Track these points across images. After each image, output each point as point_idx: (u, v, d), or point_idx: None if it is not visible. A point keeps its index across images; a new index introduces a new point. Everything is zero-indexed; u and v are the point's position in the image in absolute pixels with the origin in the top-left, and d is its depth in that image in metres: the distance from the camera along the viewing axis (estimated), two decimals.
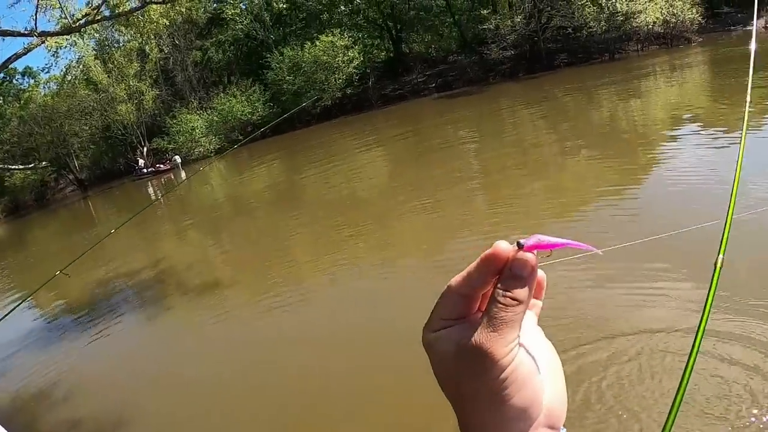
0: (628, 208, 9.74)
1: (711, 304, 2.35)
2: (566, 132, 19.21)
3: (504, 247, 0.66)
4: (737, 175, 3.00)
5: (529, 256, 0.66)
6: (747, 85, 3.73)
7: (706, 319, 2.32)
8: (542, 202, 11.72)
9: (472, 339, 0.64)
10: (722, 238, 2.70)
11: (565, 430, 0.69)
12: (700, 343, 2.21)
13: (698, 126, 16.00)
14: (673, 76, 29.94)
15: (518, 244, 0.66)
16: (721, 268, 2.52)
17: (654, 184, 11.28)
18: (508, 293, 0.65)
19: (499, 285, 0.66)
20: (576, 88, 29.65)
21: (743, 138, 3.26)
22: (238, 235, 15.63)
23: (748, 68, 3.91)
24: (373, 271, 9.75)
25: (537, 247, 0.66)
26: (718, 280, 2.47)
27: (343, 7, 43.56)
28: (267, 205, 18.79)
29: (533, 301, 0.79)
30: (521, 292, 0.65)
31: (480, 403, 0.66)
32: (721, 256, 2.57)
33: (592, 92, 27.29)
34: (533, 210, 11.17)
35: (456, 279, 0.66)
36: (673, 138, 15.28)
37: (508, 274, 0.66)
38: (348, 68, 36.70)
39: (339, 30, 38.94)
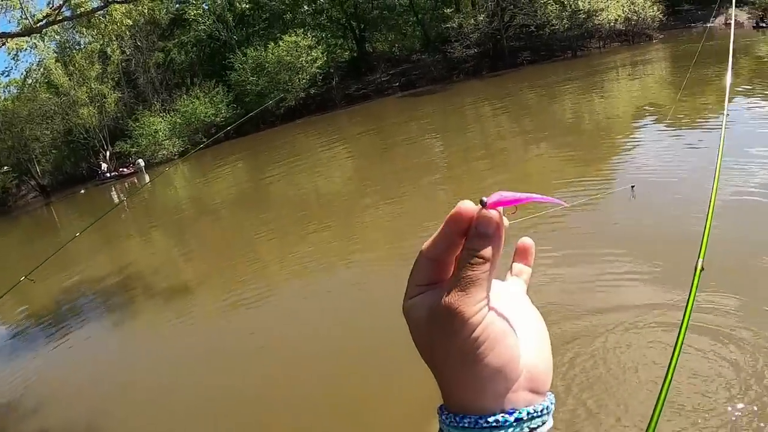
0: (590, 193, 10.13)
1: (692, 306, 2.49)
2: (529, 127, 19.56)
3: (467, 206, 0.67)
4: (716, 180, 3.18)
5: (493, 213, 0.66)
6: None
7: (687, 321, 2.47)
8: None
9: (441, 300, 0.64)
10: (702, 243, 2.85)
11: (552, 395, 0.69)
12: (682, 345, 2.36)
13: (658, 119, 16.48)
14: (635, 71, 30.51)
15: (481, 202, 0.66)
16: (701, 270, 2.68)
17: (615, 175, 11.70)
18: (474, 252, 0.66)
19: (465, 244, 0.66)
20: (539, 85, 30.02)
21: (720, 148, 3.41)
22: (202, 236, 15.62)
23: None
24: (341, 267, 9.88)
25: (500, 203, 0.67)
26: (698, 283, 2.62)
27: (306, 7, 43.49)
28: (231, 206, 18.77)
29: (522, 267, 0.82)
30: (487, 251, 0.66)
31: (454, 364, 0.66)
32: (701, 260, 2.72)
33: (554, 89, 27.67)
34: None
35: (426, 244, 0.67)
36: (635, 130, 15.70)
37: (473, 233, 0.66)
38: (311, 68, 36.69)
39: (302, 30, 38.86)
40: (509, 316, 0.68)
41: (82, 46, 42.92)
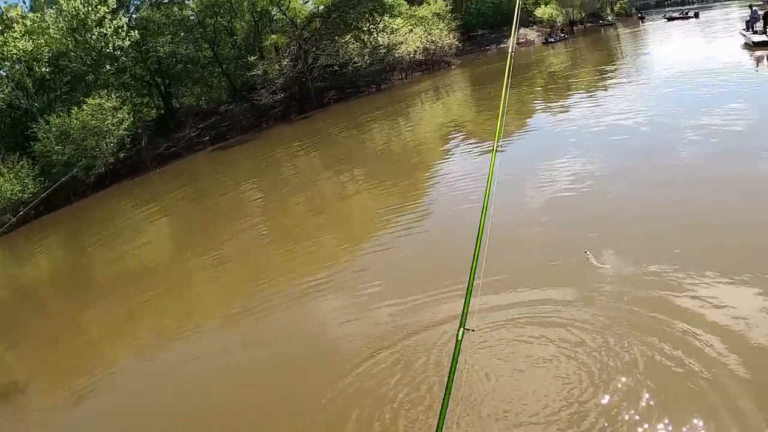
0: (407, 224, 11.60)
1: (454, 372, 3.15)
2: (342, 165, 20.74)
3: None
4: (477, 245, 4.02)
5: None
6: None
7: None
8: (331, 233, 13.07)
9: None
10: (463, 310, 3.56)
11: None
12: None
13: (464, 138, 18.56)
14: (438, 97, 32.96)
15: None
16: (462, 339, 3.29)
17: (429, 197, 13.40)
18: None
19: None
20: (348, 121, 31.50)
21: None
22: (24, 326, 15.08)
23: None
24: (177, 339, 9.97)
25: None
26: (459, 350, 3.26)
27: (108, 66, 42.27)
28: (56, 292, 18.02)
29: None
30: None
31: None
32: (462, 329, 3.34)
33: (363, 124, 29.22)
34: (326, 243, 12.43)
35: None
36: (443, 152, 17.46)
37: None
38: (119, 131, 35.67)
39: (106, 91, 37.73)
40: None
41: None
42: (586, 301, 6.71)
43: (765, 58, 17.61)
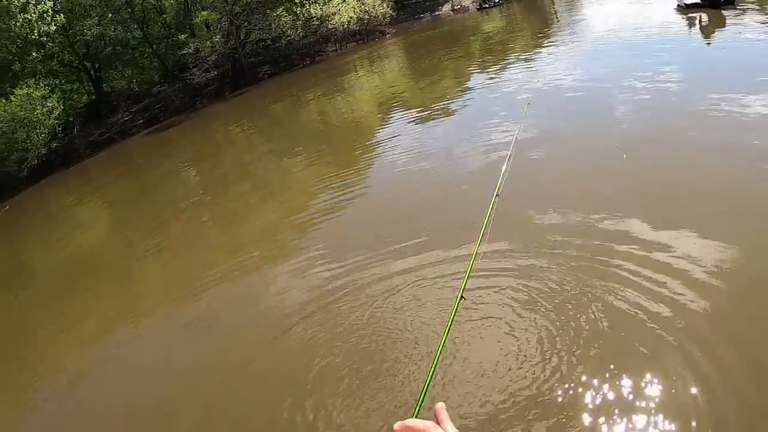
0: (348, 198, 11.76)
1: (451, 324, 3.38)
2: (281, 140, 20.69)
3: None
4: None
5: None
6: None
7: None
8: (273, 211, 13.17)
9: None
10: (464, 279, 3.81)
11: None
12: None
13: (400, 105, 18.83)
14: (373, 67, 33.06)
15: None
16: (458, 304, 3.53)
17: (371, 169, 13.62)
18: None
19: None
20: (283, 96, 31.32)
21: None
22: None
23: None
24: (125, 331, 9.82)
25: None
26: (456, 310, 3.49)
27: (35, 54, 40.96)
28: None
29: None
30: None
31: None
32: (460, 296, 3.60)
33: (299, 97, 29.17)
34: (268, 220, 12.64)
35: None
36: (383, 123, 17.63)
37: None
38: (49, 120, 34.82)
39: (34, 80, 36.65)
40: None
41: None
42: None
43: (696, 19, 18.14)
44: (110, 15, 42.07)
